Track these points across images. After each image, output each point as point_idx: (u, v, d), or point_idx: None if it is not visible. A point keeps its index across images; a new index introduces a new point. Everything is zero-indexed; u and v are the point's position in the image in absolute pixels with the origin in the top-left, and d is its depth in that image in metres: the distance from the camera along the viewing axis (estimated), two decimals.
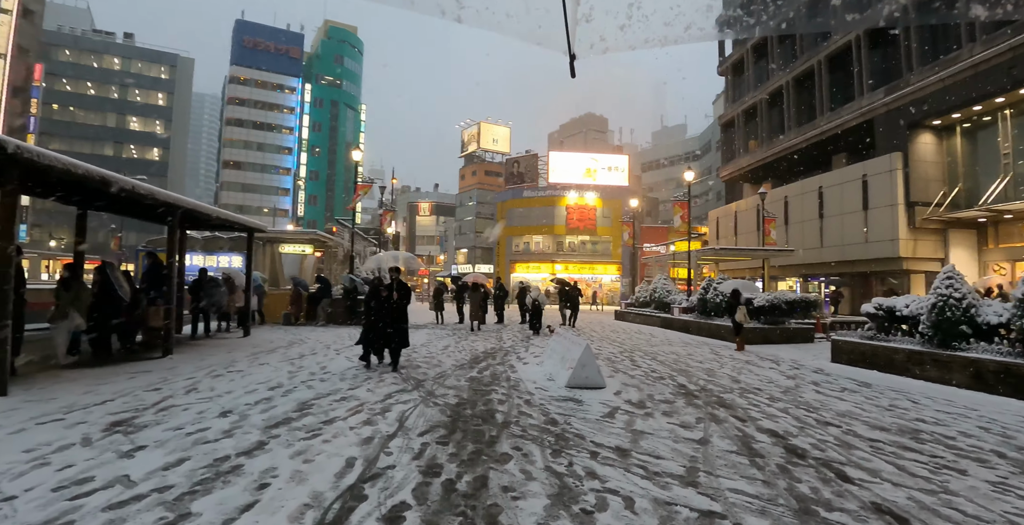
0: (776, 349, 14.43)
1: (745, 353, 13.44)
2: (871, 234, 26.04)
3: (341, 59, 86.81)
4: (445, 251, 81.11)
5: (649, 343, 15.28)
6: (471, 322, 19.35)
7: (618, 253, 55.50)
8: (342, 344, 12.56)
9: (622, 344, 14.79)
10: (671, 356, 12.29)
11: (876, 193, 25.88)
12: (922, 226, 24.80)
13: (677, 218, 20.86)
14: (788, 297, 16.68)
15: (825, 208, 29.13)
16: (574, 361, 8.13)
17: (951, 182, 25.14)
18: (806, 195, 30.54)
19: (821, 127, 30.31)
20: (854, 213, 27.02)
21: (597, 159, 57.67)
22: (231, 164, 78.14)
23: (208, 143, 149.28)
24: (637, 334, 18.41)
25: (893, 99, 25.71)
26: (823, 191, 29.34)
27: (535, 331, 17.52)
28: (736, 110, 40.06)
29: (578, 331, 18.84)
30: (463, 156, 73.68)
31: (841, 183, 28.04)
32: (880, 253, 25.55)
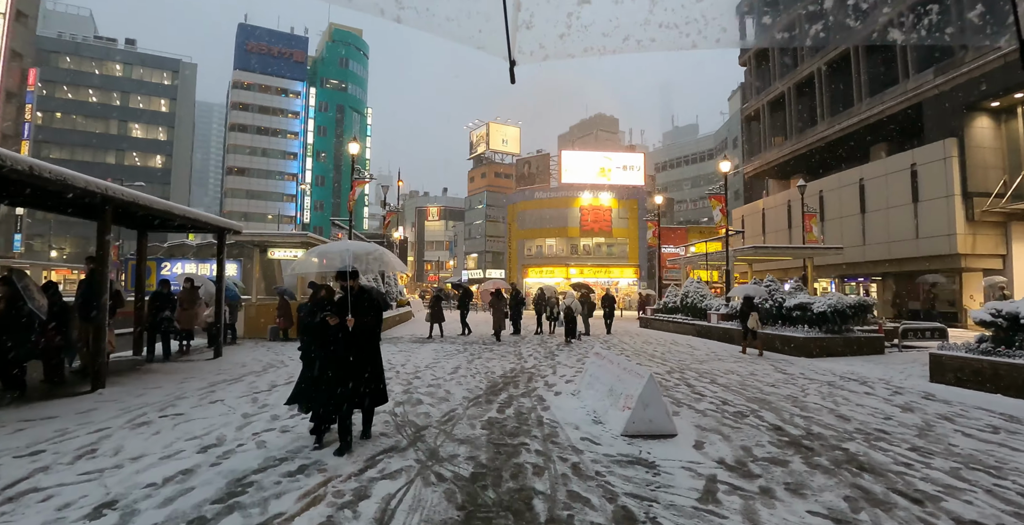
0: (848, 364, 12.09)
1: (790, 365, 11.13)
2: (923, 229, 23.60)
3: (346, 62, 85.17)
4: (454, 256, 79.07)
5: (695, 358, 12.98)
6: (492, 332, 17.22)
7: (635, 255, 53.15)
8: None
9: (664, 360, 12.50)
10: (732, 377, 10.00)
11: (928, 184, 23.45)
12: (981, 219, 22.37)
13: (716, 211, 18.54)
14: (849, 301, 14.31)
15: (868, 202, 26.70)
16: (632, 398, 5.89)
17: (1012, 169, 22.67)
18: (844, 189, 28.13)
19: (860, 115, 27.91)
20: (902, 207, 24.59)
21: (611, 158, 55.36)
22: (235, 170, 76.59)
23: (217, 152, 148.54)
24: (674, 345, 16.11)
25: (945, 80, 23.30)
26: (865, 184, 26.91)
27: (569, 339, 16.48)
28: (761, 101, 37.70)
29: (606, 342, 16.59)
30: (472, 158, 71.62)
31: (886, 174, 25.61)
32: (933, 250, 23.10)
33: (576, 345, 15.55)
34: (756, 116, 38.93)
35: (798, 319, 14.79)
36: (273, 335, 14.89)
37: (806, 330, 14.23)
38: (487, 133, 67.24)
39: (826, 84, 31.04)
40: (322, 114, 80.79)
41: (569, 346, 15.28)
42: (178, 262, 23.84)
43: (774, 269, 32.72)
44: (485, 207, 66.62)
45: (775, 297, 15.66)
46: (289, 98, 79.05)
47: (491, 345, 15.01)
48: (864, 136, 28.75)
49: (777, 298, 15.64)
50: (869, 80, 27.99)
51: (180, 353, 11.67)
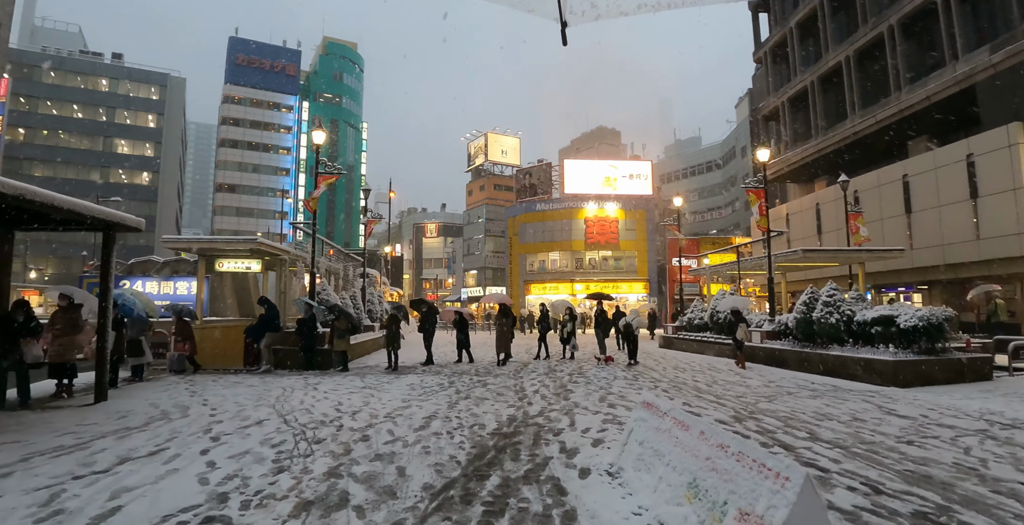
0: (964, 396, 8.90)
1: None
2: (985, 229, 20.46)
3: (340, 76, 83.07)
4: (453, 274, 75.95)
5: (754, 391, 9.78)
6: (497, 355, 14.15)
7: (644, 269, 49.95)
8: (245, 420, 7.17)
9: (716, 396, 9.29)
10: (835, 426, 6.80)
11: (988, 176, 20.37)
12: None
13: (755, 209, 15.49)
14: (942, 314, 11.13)
15: (914, 201, 23.60)
16: (767, 520, 2.70)
17: None
18: (884, 187, 25.06)
19: (899, 105, 24.92)
20: (957, 204, 21.48)
21: (616, 166, 52.52)
22: (225, 187, 74.04)
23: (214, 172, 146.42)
24: (712, 372, 12.91)
25: (1004, 58, 20.33)
26: (909, 180, 23.83)
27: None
28: (780, 99, 34.82)
29: (631, 368, 13.37)
30: (470, 170, 68.82)
31: (935, 168, 22.53)
32: (1000, 252, 19.95)
33: (594, 376, 12.35)
34: (775, 115, 36.05)
35: (876, 337, 11.60)
36: (177, 365, 11.63)
37: (892, 351, 11.02)
38: (485, 144, 64.54)
39: (856, 74, 28.14)
40: None
41: (579, 382, 12.35)
42: (138, 280, 20.81)
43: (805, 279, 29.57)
44: (484, 221, 63.65)
45: (841, 310, 12.48)
46: (281, 112, 76.71)
47: (484, 376, 11.78)
48: (903, 129, 25.75)
49: (844, 310, 12.46)
50: (908, 66, 25.08)
51: (55, 396, 8.50)
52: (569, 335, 16.06)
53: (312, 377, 11.39)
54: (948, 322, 11.13)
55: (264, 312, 12.39)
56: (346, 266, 22.64)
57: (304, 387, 9.87)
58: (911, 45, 25.24)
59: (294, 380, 10.87)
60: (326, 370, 12.60)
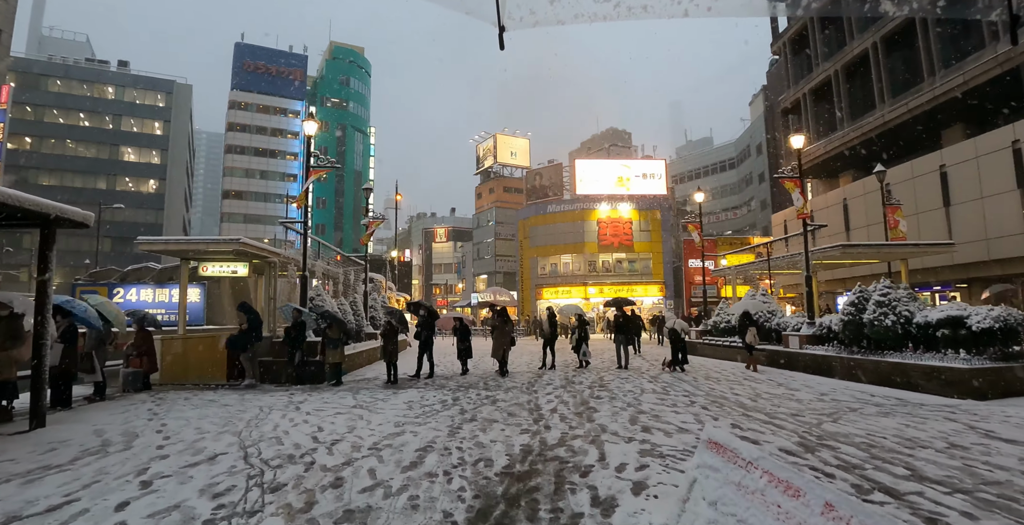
0: None
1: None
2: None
3: (347, 80, 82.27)
4: (463, 279, 74.73)
5: (811, 408, 8.35)
6: (497, 364, 12.90)
7: (660, 271, 48.42)
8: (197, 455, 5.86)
9: (768, 415, 7.88)
10: (935, 456, 5.38)
11: None
12: None
13: (795, 195, 14.07)
14: (1020, 314, 9.66)
15: (953, 193, 22.00)
16: None
17: None
18: (919, 179, 23.47)
19: (933, 91, 23.35)
20: (1004, 195, 19.88)
21: (629, 166, 51.03)
22: (232, 194, 73.37)
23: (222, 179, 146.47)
24: (753, 383, 11.48)
25: None
26: (947, 171, 22.24)
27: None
28: (800, 91, 33.27)
29: (656, 378, 11.96)
30: (479, 173, 67.61)
31: (976, 157, 20.94)
32: None
33: (618, 389, 10.97)
34: (796, 108, 34.45)
35: (941, 341, 10.12)
36: (132, 382, 10.28)
37: (964, 357, 9.54)
38: (494, 146, 63.33)
39: (884, 61, 26.59)
40: (323, 134, 77.35)
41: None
42: (133, 288, 19.73)
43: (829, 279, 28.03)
44: (494, 224, 62.39)
45: (898, 310, 11.00)
46: (288, 118, 75.97)
47: (494, 391, 10.41)
48: (937, 117, 24.16)
49: (901, 311, 10.98)
50: (942, 49, 23.51)
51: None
52: (579, 342, 14.69)
53: (299, 393, 10.08)
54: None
55: (248, 321, 11.10)
56: (346, 271, 21.40)
57: (285, 406, 8.56)
58: (946, 26, 23.67)
59: (277, 397, 9.55)
60: (318, 384, 11.30)
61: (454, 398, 9.26)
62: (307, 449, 5.79)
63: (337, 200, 77.77)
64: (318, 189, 76.70)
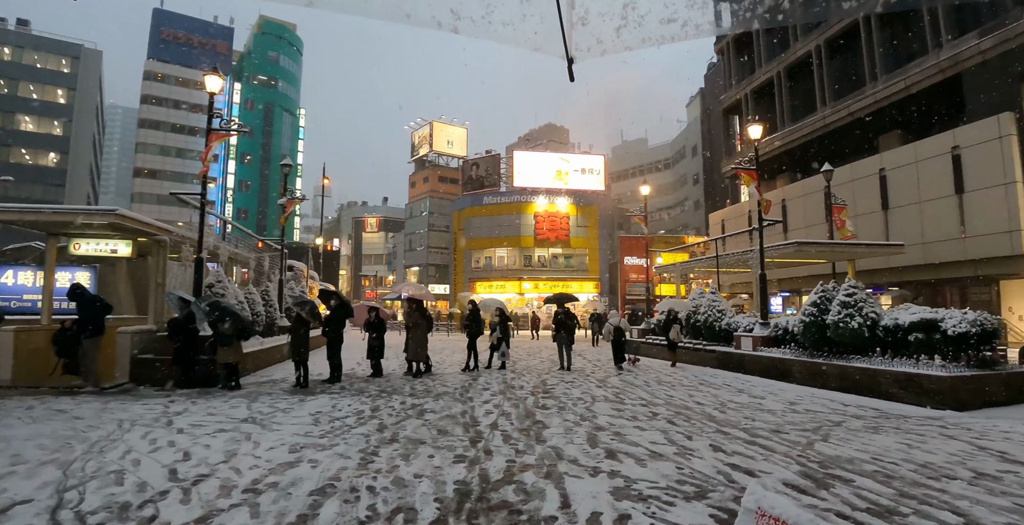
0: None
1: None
2: (972, 226, 18.98)
3: (277, 57, 77.72)
4: (394, 270, 72.27)
5: (793, 424, 7.28)
6: (412, 365, 11.37)
7: (596, 268, 47.94)
8: None
9: (751, 435, 6.72)
10: (998, 507, 4.28)
11: (976, 170, 18.92)
12: None
13: (752, 188, 13.22)
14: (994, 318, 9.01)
15: (892, 196, 22.07)
16: None
17: None
18: (859, 182, 23.48)
19: (875, 95, 23.41)
20: (941, 200, 20.00)
21: (569, 160, 50.26)
22: (145, 172, 67.95)
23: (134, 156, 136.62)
24: (711, 389, 10.44)
25: (994, 44, 18.89)
26: (887, 174, 22.30)
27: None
28: (743, 90, 33.17)
29: (603, 382, 10.75)
30: (413, 160, 65.22)
31: (916, 162, 21.01)
32: (989, 251, 18.49)
33: (564, 395, 9.67)
34: (736, 108, 34.41)
35: (914, 346, 9.36)
36: None
37: (940, 364, 8.77)
38: (430, 133, 61.17)
39: (827, 64, 26.61)
40: (248, 113, 72.87)
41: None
42: (9, 269, 16.91)
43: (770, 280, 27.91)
44: (428, 214, 60.34)
45: (864, 312, 10.21)
46: None
47: (422, 398, 8.86)
48: (877, 121, 24.30)
49: (868, 313, 10.20)
50: (885, 55, 23.60)
51: None
52: (499, 341, 13.28)
53: (181, 401, 8.20)
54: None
55: (82, 309, 9.00)
56: (260, 257, 19.21)
57: (155, 420, 6.73)
58: (890, 31, 23.78)
59: (151, 407, 7.66)
60: (210, 388, 9.41)
61: (373, 408, 7.64)
62: (154, 493, 4.09)
63: (262, 184, 73.39)
64: (241, 172, 72.24)
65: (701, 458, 5.31)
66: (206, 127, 11.29)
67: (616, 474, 4.71)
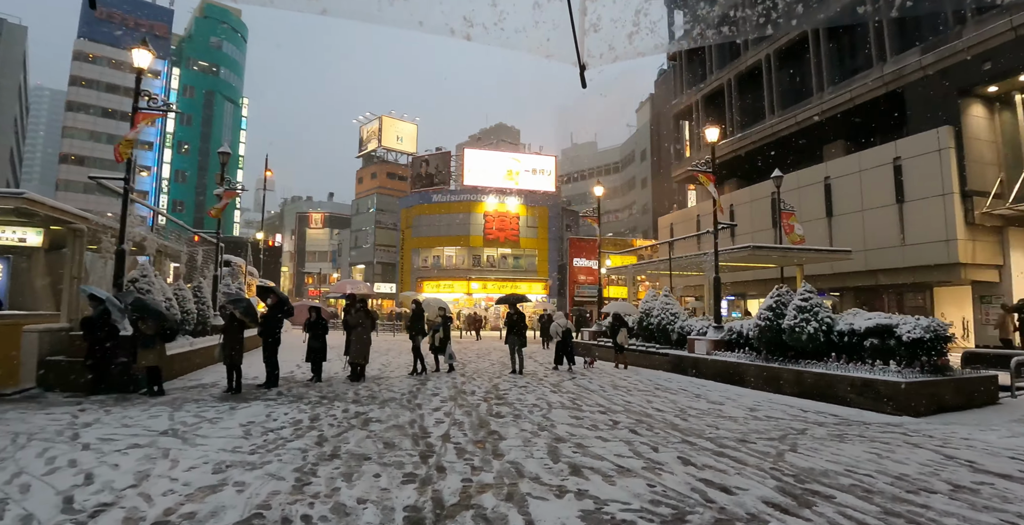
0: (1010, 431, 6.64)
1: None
2: (912, 235, 19.60)
3: (219, 43, 74.47)
4: (339, 268, 70.43)
5: (758, 432, 7.03)
6: (351, 366, 10.72)
7: (545, 269, 47.83)
8: None
9: (719, 445, 6.41)
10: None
11: (916, 181, 19.54)
12: (981, 223, 18.62)
13: (710, 188, 13.08)
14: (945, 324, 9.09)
15: (836, 204, 22.63)
16: None
17: (1010, 167, 19.22)
18: (804, 189, 23.99)
19: (821, 105, 23.99)
20: (882, 208, 20.58)
21: (520, 160, 50.01)
22: (72, 159, 63.81)
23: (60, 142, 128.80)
24: (669, 394, 10.19)
25: (935, 60, 19.57)
26: (831, 183, 22.85)
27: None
28: (695, 96, 33.61)
29: (557, 386, 10.36)
30: (361, 156, 63.66)
31: (860, 171, 21.60)
32: (927, 259, 19.10)
33: (518, 400, 9.23)
34: (688, 113, 34.83)
35: (869, 351, 9.34)
36: None
37: (895, 370, 8.75)
38: (379, 128, 59.84)
39: (776, 74, 27.16)
40: (187, 100, 69.56)
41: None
42: None
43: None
44: (375, 211, 59.00)
45: (820, 317, 10.17)
46: (146, 78, 67.24)
47: (366, 405, 8.24)
48: (824, 131, 24.92)
49: (823, 318, 10.16)
50: (832, 67, 24.22)
51: None
52: (443, 343, 12.73)
53: (94, 409, 7.32)
54: None
55: None
56: (194, 250, 18.01)
57: (58, 433, 5.89)
58: (837, 45, 24.43)
59: (57, 416, 6.77)
60: (129, 394, 8.51)
61: (312, 417, 6.98)
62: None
63: (200, 175, 70.18)
64: (178, 162, 68.87)
65: (672, 473, 4.94)
66: (132, 105, 10.29)
67: (584, 494, 4.27)
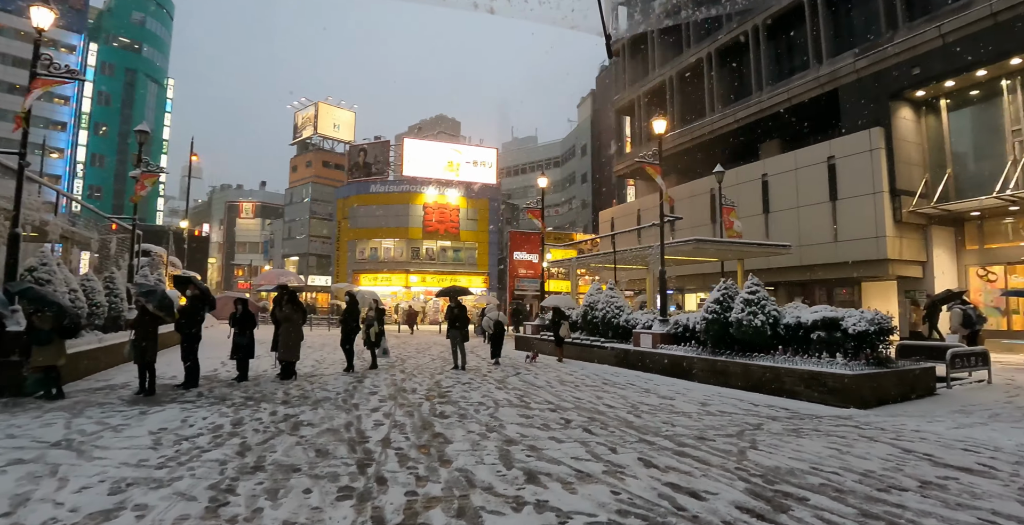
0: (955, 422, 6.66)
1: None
2: (844, 231, 20.20)
3: (142, 19, 69.91)
4: (270, 259, 67.72)
5: (714, 427, 6.78)
6: (280, 364, 9.99)
7: (485, 262, 47.36)
8: None
9: (678, 443, 6.10)
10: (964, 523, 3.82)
11: (849, 179, 20.14)
12: (907, 221, 19.38)
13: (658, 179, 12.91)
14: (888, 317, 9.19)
15: (772, 201, 23.11)
16: None
17: (934, 168, 20.10)
18: (743, 186, 24.39)
19: (760, 104, 24.48)
20: (816, 206, 21.13)
21: (461, 151, 49.24)
22: None
23: None
24: (617, 389, 9.92)
25: (868, 64, 20.21)
26: (768, 180, 23.32)
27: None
28: (637, 92, 33.80)
29: (503, 383, 9.92)
30: (295, 143, 61.20)
31: (795, 169, 22.10)
32: (858, 255, 19.71)
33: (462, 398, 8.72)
34: (630, 109, 35.01)
35: (815, 344, 9.33)
36: None
37: (842, 362, 8.75)
38: (316, 115, 57.68)
39: (717, 72, 27.55)
40: (106, 78, 65.08)
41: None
42: None
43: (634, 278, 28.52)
44: (310, 201, 56.94)
45: (767, 310, 10.12)
46: (60, 52, 62.36)
47: (298, 406, 7.55)
48: (759, 129, 25.46)
49: (770, 311, 10.12)
50: (770, 66, 24.73)
51: None
52: (377, 337, 12.10)
53: None
54: None
55: None
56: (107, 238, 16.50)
57: None
58: (775, 46, 24.95)
59: None
60: (21, 398, 7.48)
61: (235, 422, 6.23)
62: None
63: (120, 159, 65.79)
64: (96, 145, 64.37)
65: (635, 477, 4.56)
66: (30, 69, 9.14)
67: (544, 506, 3.82)
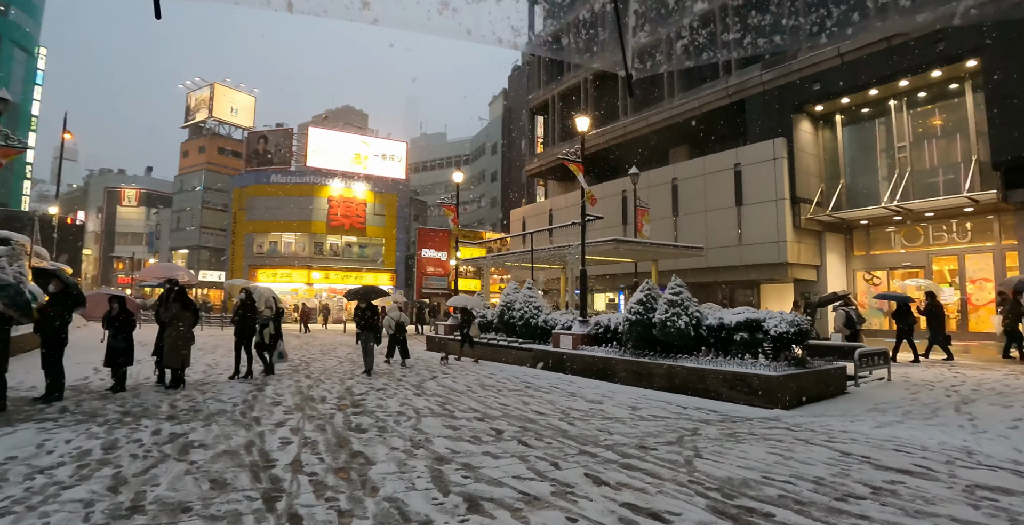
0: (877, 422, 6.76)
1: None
2: (748, 235, 21.04)
3: None
4: (156, 252, 62.46)
5: (653, 435, 6.46)
6: (165, 371, 8.80)
7: (392, 259, 45.99)
8: None
9: (622, 454, 5.69)
10: None
11: (754, 186, 21.01)
12: (805, 227, 20.46)
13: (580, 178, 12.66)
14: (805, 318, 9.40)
15: (681, 204, 23.74)
16: None
17: (828, 179, 21.38)
18: (653, 189, 24.91)
19: (672, 110, 25.10)
20: (723, 210, 21.90)
21: (369, 143, 47.55)
22: None
23: None
24: (543, 393, 9.50)
25: (773, 77, 21.18)
26: (678, 184, 23.94)
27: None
28: (551, 92, 33.88)
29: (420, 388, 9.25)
30: (187, 126, 56.74)
31: (704, 174, 22.82)
32: (761, 258, 20.60)
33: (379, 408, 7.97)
34: (545, 108, 35.04)
35: (738, 345, 9.36)
36: None
37: (764, 363, 8.79)
38: (211, 97, 53.73)
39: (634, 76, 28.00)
40: None
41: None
42: None
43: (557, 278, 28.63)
44: (203, 190, 52.97)
45: (691, 311, 10.07)
46: None
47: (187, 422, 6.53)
48: (673, 134, 26.15)
49: (693, 312, 10.08)
50: (683, 74, 25.43)
51: None
52: (273, 339, 11.00)
53: None
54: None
55: None
56: None
57: None
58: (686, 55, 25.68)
59: None
60: None
61: (108, 445, 5.16)
62: None
63: None
64: None
65: (588, 498, 4.08)
66: None
67: None
